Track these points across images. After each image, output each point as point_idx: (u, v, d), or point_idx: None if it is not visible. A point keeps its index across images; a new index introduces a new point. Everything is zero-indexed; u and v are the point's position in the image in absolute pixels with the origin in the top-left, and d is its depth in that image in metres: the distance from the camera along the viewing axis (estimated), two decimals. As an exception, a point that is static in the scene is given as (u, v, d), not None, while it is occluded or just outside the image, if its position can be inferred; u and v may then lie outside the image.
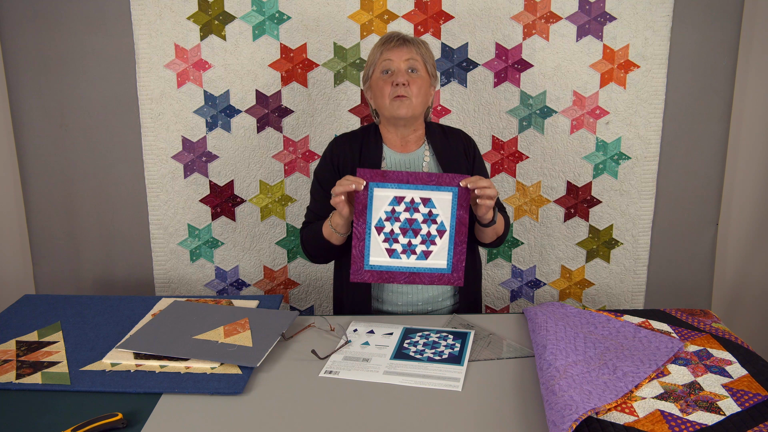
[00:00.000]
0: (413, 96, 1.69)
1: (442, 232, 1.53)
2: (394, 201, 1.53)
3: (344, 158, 1.78)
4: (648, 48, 2.17)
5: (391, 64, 1.70)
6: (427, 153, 1.79)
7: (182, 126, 2.23)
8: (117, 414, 1.20)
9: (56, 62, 2.17)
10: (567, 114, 2.23)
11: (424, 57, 1.73)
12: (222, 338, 1.50)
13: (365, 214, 1.54)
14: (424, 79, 1.72)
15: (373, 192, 1.53)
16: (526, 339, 1.53)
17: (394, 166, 1.77)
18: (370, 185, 1.54)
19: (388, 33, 1.80)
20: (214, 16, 2.16)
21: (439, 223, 1.53)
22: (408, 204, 1.53)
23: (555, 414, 1.16)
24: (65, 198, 2.28)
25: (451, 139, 1.82)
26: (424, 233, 1.54)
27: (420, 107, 1.73)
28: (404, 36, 1.73)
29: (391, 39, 1.72)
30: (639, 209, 2.30)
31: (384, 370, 1.39)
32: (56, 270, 2.34)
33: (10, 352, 1.47)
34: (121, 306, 1.72)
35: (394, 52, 1.70)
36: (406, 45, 1.71)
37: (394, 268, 1.56)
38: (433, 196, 1.54)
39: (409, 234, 1.53)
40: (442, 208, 1.54)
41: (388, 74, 1.71)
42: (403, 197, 1.54)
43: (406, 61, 1.70)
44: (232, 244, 2.34)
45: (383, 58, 1.71)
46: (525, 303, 2.41)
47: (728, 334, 1.52)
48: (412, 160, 1.78)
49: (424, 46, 1.75)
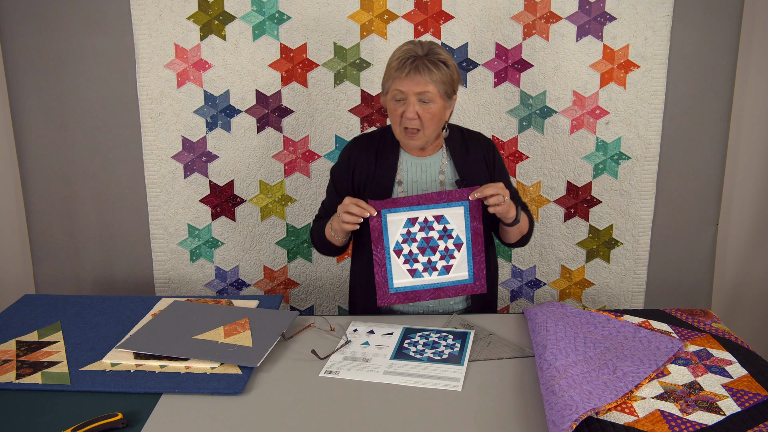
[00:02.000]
0: (425, 128, 1.64)
1: (459, 245, 1.56)
2: (408, 223, 1.57)
3: (361, 161, 1.76)
4: (648, 48, 2.17)
5: (400, 95, 1.62)
6: (445, 157, 1.76)
7: (182, 126, 2.23)
8: (117, 414, 1.20)
9: (56, 62, 2.17)
10: (567, 114, 2.23)
11: (438, 82, 1.61)
12: (222, 338, 1.50)
13: (382, 240, 1.57)
14: (437, 106, 1.63)
15: (386, 218, 1.57)
16: (526, 339, 1.53)
17: (410, 170, 1.75)
18: (383, 212, 1.57)
19: (402, 52, 1.64)
20: (214, 16, 2.16)
21: (455, 237, 1.57)
22: (422, 224, 1.57)
23: (555, 414, 1.16)
24: (65, 198, 2.28)
25: (470, 144, 1.78)
26: (442, 249, 1.57)
27: (433, 134, 1.68)
28: (417, 61, 1.60)
29: (404, 66, 1.60)
30: (639, 209, 2.30)
31: (384, 370, 1.39)
32: (56, 270, 2.34)
33: (10, 352, 1.47)
34: (121, 306, 1.72)
35: (405, 82, 1.60)
36: (418, 73, 1.59)
37: (419, 287, 1.60)
38: (445, 212, 1.57)
39: (427, 252, 1.57)
40: (456, 223, 1.57)
41: (399, 102, 1.64)
42: (417, 218, 1.57)
43: (417, 94, 1.60)
44: (232, 244, 2.34)
45: (394, 87, 1.63)
46: (525, 303, 2.41)
47: (728, 334, 1.52)
48: (429, 165, 1.75)
49: (439, 68, 1.61)
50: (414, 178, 1.75)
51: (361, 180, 1.76)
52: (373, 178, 1.75)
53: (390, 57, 1.67)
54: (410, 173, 1.75)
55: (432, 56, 1.62)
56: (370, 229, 1.57)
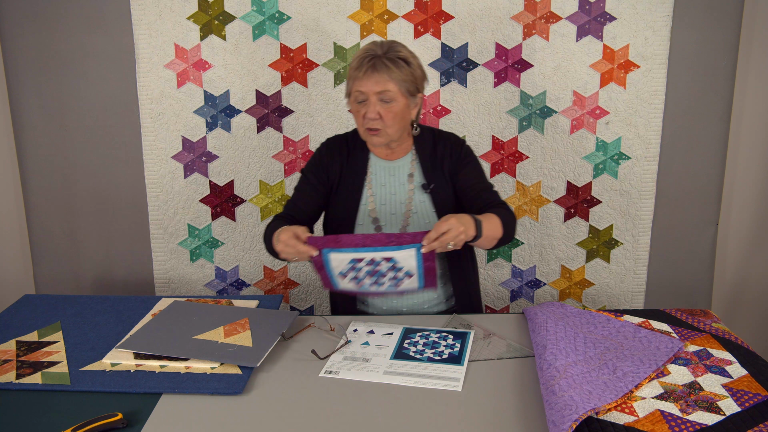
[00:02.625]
0: (387, 126, 1.62)
1: (410, 276, 1.42)
2: (352, 261, 1.41)
3: (332, 163, 1.75)
4: (648, 48, 2.17)
5: (362, 96, 1.61)
6: (414, 160, 1.75)
7: (182, 126, 2.23)
8: (117, 414, 1.20)
9: (56, 62, 2.17)
10: (567, 114, 2.23)
11: (398, 80, 1.59)
12: (222, 338, 1.50)
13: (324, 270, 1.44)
14: (399, 104, 1.61)
15: (328, 257, 1.41)
16: (526, 339, 1.53)
17: (378, 173, 1.75)
18: (323, 252, 1.40)
19: (362, 51, 1.63)
20: (214, 16, 2.16)
21: (406, 271, 1.41)
22: (369, 262, 1.41)
23: (555, 414, 1.16)
24: (65, 198, 2.28)
25: (439, 147, 1.75)
26: (391, 278, 1.44)
27: (397, 133, 1.66)
28: (375, 60, 1.59)
29: (362, 65, 1.59)
30: (639, 209, 2.30)
31: (384, 370, 1.39)
32: (56, 270, 2.34)
33: (10, 352, 1.47)
34: (121, 306, 1.72)
35: (364, 82, 1.59)
36: (376, 72, 1.58)
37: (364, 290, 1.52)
38: (395, 255, 1.40)
39: (376, 276, 1.43)
40: (406, 263, 1.41)
41: (361, 104, 1.62)
42: (362, 258, 1.41)
43: (377, 93, 1.59)
44: (232, 244, 2.34)
45: (355, 88, 1.61)
46: (525, 303, 2.41)
47: (728, 334, 1.52)
48: (397, 168, 1.75)
49: (399, 65, 1.59)
50: (382, 181, 1.75)
51: (333, 182, 1.75)
52: (342, 181, 1.74)
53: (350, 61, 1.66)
54: (379, 176, 1.75)
55: (391, 54, 1.60)
56: (313, 262, 1.44)
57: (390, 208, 1.74)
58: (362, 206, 1.74)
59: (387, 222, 1.74)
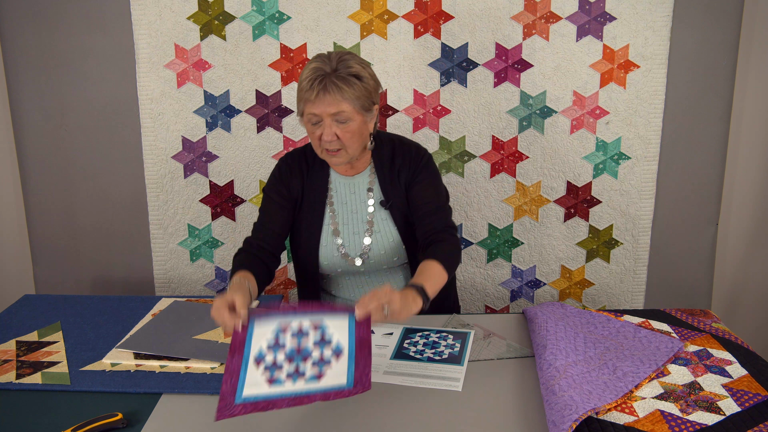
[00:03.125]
0: (347, 147, 1.56)
1: (339, 354, 1.21)
2: (278, 331, 1.23)
3: (293, 180, 1.69)
4: (648, 48, 2.17)
5: (315, 118, 1.52)
6: (373, 175, 1.70)
7: (182, 126, 2.23)
8: (117, 414, 1.20)
9: (56, 62, 2.17)
10: (567, 114, 2.23)
11: (352, 99, 1.50)
12: (222, 338, 1.50)
13: (242, 349, 1.21)
14: (355, 123, 1.53)
15: (253, 327, 1.23)
16: (526, 339, 1.53)
17: (339, 190, 1.70)
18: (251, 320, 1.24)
19: (310, 71, 1.51)
20: (214, 16, 2.16)
21: (335, 346, 1.22)
22: (295, 332, 1.23)
23: (555, 414, 1.16)
24: (65, 198, 2.28)
25: (397, 159, 1.68)
26: (316, 357, 1.21)
27: (357, 150, 1.59)
28: (326, 80, 1.49)
29: (312, 87, 1.49)
30: (639, 209, 2.30)
31: (384, 370, 1.39)
32: (56, 270, 2.34)
33: (10, 352, 1.47)
34: (121, 306, 1.72)
35: (317, 104, 1.50)
36: (328, 93, 1.48)
37: (275, 396, 1.18)
38: (325, 320, 1.24)
39: (296, 360, 1.20)
40: (337, 332, 1.23)
41: (316, 126, 1.54)
42: (288, 325, 1.23)
43: (331, 115, 1.51)
44: (232, 244, 2.34)
45: (308, 110, 1.52)
46: (525, 303, 2.41)
47: (728, 334, 1.52)
48: (357, 184, 1.70)
49: (351, 84, 1.50)
50: (344, 199, 1.70)
51: (296, 199, 1.70)
52: (304, 199, 1.70)
53: (300, 75, 1.54)
54: (340, 193, 1.70)
55: (342, 71, 1.50)
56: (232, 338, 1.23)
57: (353, 228, 1.69)
58: (325, 226, 1.69)
59: (350, 243, 1.69)
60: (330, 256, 1.69)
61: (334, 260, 1.70)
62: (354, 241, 1.69)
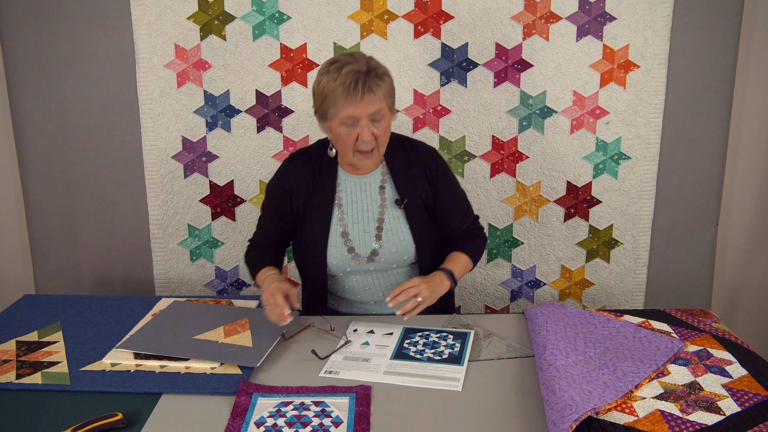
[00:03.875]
0: (379, 146, 1.57)
1: (338, 424, 1.22)
2: (280, 404, 1.28)
3: (298, 182, 1.68)
4: (648, 48, 2.17)
5: (351, 120, 1.51)
6: (385, 174, 1.69)
7: (182, 126, 2.23)
8: (117, 414, 1.20)
9: (56, 62, 2.17)
10: (567, 114, 2.23)
11: (386, 96, 1.53)
12: (222, 338, 1.50)
13: (244, 415, 1.25)
14: (387, 121, 1.56)
15: (256, 401, 1.29)
16: (526, 339, 1.53)
17: (349, 190, 1.68)
18: (253, 395, 1.30)
19: (347, 75, 1.49)
20: (214, 16, 2.16)
21: (335, 417, 1.25)
22: (296, 406, 1.28)
23: (555, 414, 1.16)
24: (65, 198, 2.28)
25: (411, 157, 1.69)
26: (316, 424, 1.23)
27: (385, 148, 1.61)
28: (368, 80, 1.49)
29: (355, 89, 1.48)
30: (639, 209, 2.30)
31: (384, 370, 1.39)
32: (56, 270, 2.34)
33: (10, 352, 1.47)
34: (121, 306, 1.72)
35: (360, 106, 1.49)
36: (372, 93, 1.49)
37: None
38: (326, 399, 1.30)
39: (296, 425, 1.22)
40: (338, 408, 1.27)
41: (351, 127, 1.52)
42: (291, 401, 1.29)
43: (369, 115, 1.50)
44: (232, 244, 2.34)
45: (346, 113, 1.50)
46: (525, 303, 2.41)
47: (728, 334, 1.52)
48: (368, 183, 1.68)
49: (385, 81, 1.53)
50: (354, 198, 1.68)
51: (300, 202, 1.69)
52: (311, 200, 1.68)
53: (323, 83, 1.52)
54: (349, 193, 1.69)
55: (375, 70, 1.52)
56: (234, 403, 1.28)
57: (363, 227, 1.68)
58: (333, 226, 1.67)
59: (359, 242, 1.67)
60: (338, 255, 1.68)
61: (342, 260, 1.68)
62: (364, 240, 1.68)
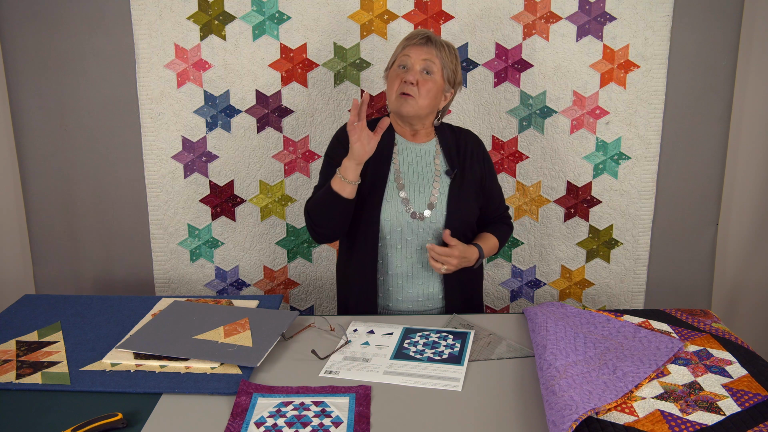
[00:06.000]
0: (420, 97, 1.70)
1: (338, 424, 1.24)
2: (280, 404, 1.29)
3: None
4: (648, 48, 2.17)
5: (407, 60, 1.71)
6: (438, 147, 1.82)
7: (182, 126, 2.23)
8: (117, 414, 1.20)
9: (56, 62, 2.17)
10: (567, 114, 2.23)
11: (443, 61, 1.72)
12: (222, 338, 1.50)
13: (244, 415, 1.26)
14: (435, 83, 1.72)
15: (256, 400, 1.30)
16: (526, 339, 1.53)
17: (405, 153, 1.79)
18: (254, 395, 1.32)
19: (417, 29, 1.83)
20: (214, 16, 2.16)
21: (335, 417, 1.26)
22: (297, 406, 1.29)
23: (555, 414, 1.16)
24: (65, 198, 2.28)
25: (460, 139, 1.84)
26: (316, 424, 1.24)
27: (425, 108, 1.73)
28: (430, 36, 1.73)
29: (416, 36, 1.73)
30: (639, 209, 2.30)
31: (384, 370, 1.39)
32: (56, 270, 2.34)
33: (10, 352, 1.47)
34: (121, 306, 1.72)
35: (414, 49, 1.71)
36: (427, 45, 1.71)
37: None
38: (326, 399, 1.31)
39: (296, 425, 1.23)
40: (338, 409, 1.28)
41: (403, 69, 1.72)
42: (291, 401, 1.30)
43: (422, 60, 1.70)
44: (232, 244, 2.34)
45: (403, 53, 1.73)
46: (525, 303, 2.41)
47: (728, 334, 1.52)
48: (424, 151, 1.80)
49: (447, 51, 1.74)
50: (410, 159, 1.79)
51: None
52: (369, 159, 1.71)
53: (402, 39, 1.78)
54: (405, 154, 1.79)
55: (440, 39, 1.75)
56: (234, 403, 1.28)
57: (418, 187, 1.77)
58: (389, 183, 1.76)
59: (415, 199, 1.75)
60: (393, 211, 1.74)
61: (397, 216, 1.74)
62: (419, 200, 1.75)
